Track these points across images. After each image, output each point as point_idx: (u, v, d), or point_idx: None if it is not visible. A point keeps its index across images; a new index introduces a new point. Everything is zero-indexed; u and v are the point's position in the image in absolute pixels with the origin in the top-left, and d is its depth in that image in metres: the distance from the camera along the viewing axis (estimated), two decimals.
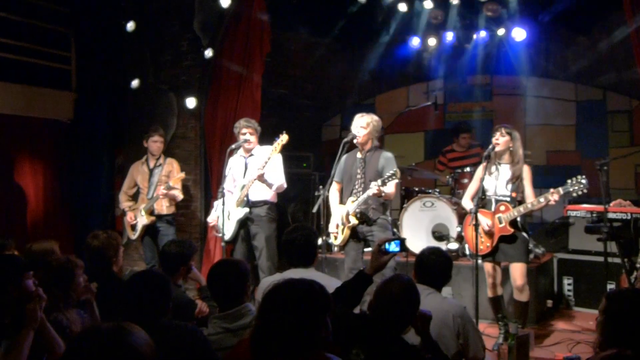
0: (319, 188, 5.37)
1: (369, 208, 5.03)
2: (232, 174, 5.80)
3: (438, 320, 3.29)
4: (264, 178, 5.46)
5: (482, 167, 5.01)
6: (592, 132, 7.83)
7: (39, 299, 2.81)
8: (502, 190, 4.92)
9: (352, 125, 5.17)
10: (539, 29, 7.34)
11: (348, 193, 5.17)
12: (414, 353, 2.82)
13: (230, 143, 5.78)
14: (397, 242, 3.15)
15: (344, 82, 8.99)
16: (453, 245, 6.18)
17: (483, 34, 7.69)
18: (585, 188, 4.50)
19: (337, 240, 5.22)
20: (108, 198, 7.22)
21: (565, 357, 3.64)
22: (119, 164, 7.33)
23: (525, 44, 7.44)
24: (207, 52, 6.76)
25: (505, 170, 4.93)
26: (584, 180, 4.50)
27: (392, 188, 4.94)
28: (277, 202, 5.84)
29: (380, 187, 4.78)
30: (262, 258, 5.61)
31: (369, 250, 5.16)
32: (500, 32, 7.42)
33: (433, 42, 8.02)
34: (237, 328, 3.00)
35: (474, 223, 4.68)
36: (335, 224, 5.19)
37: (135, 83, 6.95)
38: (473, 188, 5.12)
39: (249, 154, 5.76)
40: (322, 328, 2.10)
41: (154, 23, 7.03)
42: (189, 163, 6.96)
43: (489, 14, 7.41)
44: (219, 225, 5.57)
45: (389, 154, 5.18)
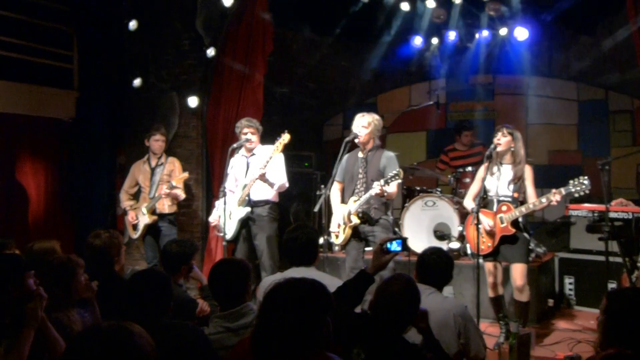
0: (321, 187, 5.37)
1: (371, 208, 5.03)
2: (233, 174, 5.79)
3: (439, 320, 3.29)
4: (266, 177, 5.45)
5: (483, 167, 5.01)
6: (594, 131, 7.83)
7: (40, 298, 2.81)
8: (503, 191, 4.92)
9: (353, 125, 5.17)
10: (542, 29, 7.33)
11: (350, 192, 5.17)
12: (415, 352, 2.82)
13: (232, 142, 5.77)
14: (398, 241, 3.15)
15: (346, 81, 8.99)
16: (455, 245, 6.19)
17: (485, 34, 7.69)
18: (587, 189, 4.49)
19: (338, 240, 5.22)
20: (109, 197, 7.23)
21: (566, 356, 3.63)
22: (121, 163, 7.34)
23: (528, 44, 7.43)
24: (209, 51, 6.76)
25: (507, 171, 4.92)
26: (586, 181, 4.50)
27: (394, 188, 4.93)
28: (278, 201, 5.83)
29: (383, 187, 4.78)
30: (263, 257, 5.61)
31: (370, 250, 5.17)
32: (503, 31, 7.41)
33: (435, 41, 8.02)
34: (238, 327, 2.99)
35: (476, 223, 4.68)
36: (337, 224, 5.19)
37: (137, 82, 6.96)
38: (475, 188, 5.12)
39: (251, 154, 5.76)
40: (323, 327, 2.10)
41: (156, 22, 7.03)
42: (191, 162, 6.97)
43: (492, 14, 7.41)
44: (221, 225, 5.57)
45: (391, 154, 5.17)
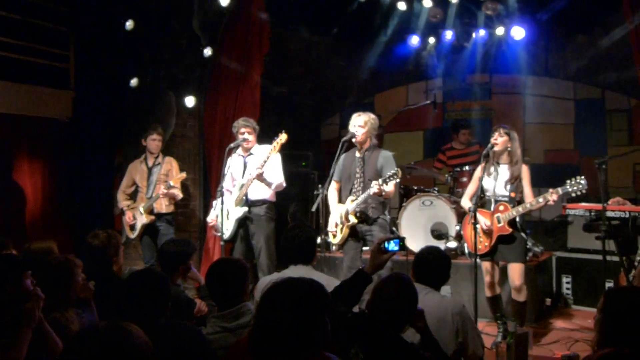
0: (318, 187, 5.37)
1: (369, 207, 5.03)
2: (231, 173, 5.79)
3: (437, 319, 3.29)
4: (263, 177, 5.45)
5: (480, 167, 5.02)
6: (590, 131, 7.83)
7: (37, 299, 2.80)
8: (501, 191, 4.92)
9: (349, 125, 5.17)
10: (538, 28, 7.34)
11: (347, 192, 5.17)
12: (413, 351, 2.82)
13: (230, 142, 5.77)
14: (396, 241, 3.14)
15: (343, 80, 8.99)
16: (452, 244, 6.19)
17: (482, 33, 7.69)
18: (584, 188, 4.50)
19: (335, 239, 5.22)
20: (107, 197, 7.21)
21: (564, 355, 3.62)
22: (118, 163, 7.32)
23: (524, 43, 7.44)
24: (206, 50, 6.75)
25: (504, 171, 4.93)
26: (583, 181, 4.51)
27: (391, 187, 4.94)
28: (275, 201, 5.83)
29: (381, 186, 4.78)
30: (261, 257, 5.61)
31: (368, 249, 5.17)
32: (500, 31, 7.41)
33: (432, 40, 8.02)
34: (236, 327, 2.99)
35: (473, 222, 4.69)
36: (334, 223, 5.19)
37: (134, 82, 6.94)
38: (472, 188, 5.13)
39: (248, 153, 5.75)
40: (321, 327, 2.10)
41: (153, 22, 7.01)
42: (188, 162, 6.96)
43: (488, 13, 7.42)
44: (218, 225, 5.57)
45: (388, 153, 5.18)
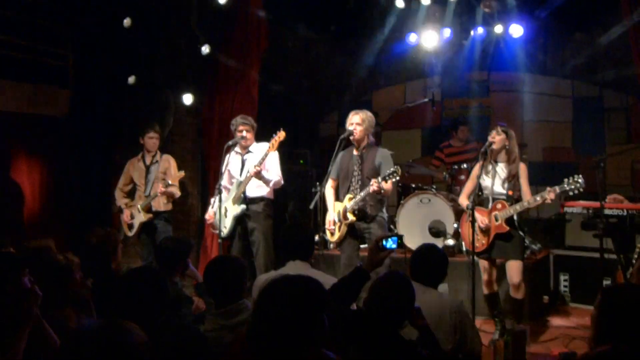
0: (316, 185, 5.38)
1: (367, 205, 5.03)
2: (229, 171, 5.79)
3: (434, 316, 3.29)
4: (261, 175, 5.45)
5: (478, 165, 5.02)
6: (588, 129, 7.84)
7: (35, 297, 2.80)
8: (498, 189, 4.93)
9: (346, 122, 5.17)
10: (536, 26, 7.34)
11: (345, 190, 5.18)
12: (411, 349, 2.82)
13: (227, 139, 5.77)
14: (394, 238, 3.15)
15: (341, 78, 8.98)
16: (450, 242, 6.20)
17: (480, 31, 7.68)
18: (582, 187, 4.51)
19: (333, 237, 5.22)
20: (105, 195, 7.20)
21: (561, 352, 3.63)
22: (116, 161, 7.31)
23: (523, 41, 7.43)
24: (203, 48, 6.73)
25: (502, 169, 4.94)
26: (581, 180, 4.51)
27: (389, 184, 4.95)
28: (273, 198, 5.83)
29: (380, 184, 4.78)
30: (259, 254, 5.61)
31: (365, 247, 5.18)
32: (498, 28, 7.40)
33: (430, 38, 8.01)
34: (233, 324, 2.99)
35: (471, 220, 4.69)
36: (332, 221, 5.19)
37: (132, 79, 6.93)
38: (469, 186, 5.13)
39: (246, 151, 5.75)
40: (318, 325, 2.10)
41: (151, 20, 7.00)
42: (186, 160, 6.96)
43: (486, 11, 7.41)
44: (216, 222, 5.57)
45: (386, 151, 5.18)
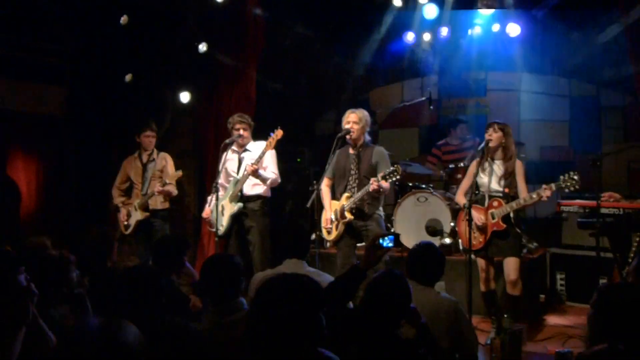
0: (313, 183, 5.37)
1: (364, 203, 5.03)
2: (225, 169, 5.79)
3: (431, 315, 3.29)
4: (258, 173, 5.45)
5: (474, 163, 5.03)
6: (585, 128, 7.84)
7: (31, 295, 2.79)
8: (495, 186, 4.94)
9: (343, 121, 5.17)
10: (534, 25, 7.35)
11: (341, 189, 5.17)
12: (408, 348, 2.82)
13: (225, 138, 5.76)
14: (390, 237, 3.15)
15: (339, 77, 8.96)
16: (447, 240, 6.20)
17: (478, 30, 7.69)
18: (578, 184, 4.51)
19: (330, 236, 5.22)
20: (101, 193, 7.19)
21: (558, 351, 3.64)
22: (113, 159, 7.30)
23: (520, 40, 7.44)
24: (201, 46, 6.72)
25: (498, 166, 4.94)
26: (576, 177, 4.52)
27: (387, 183, 4.95)
28: (270, 197, 5.83)
29: (380, 183, 4.78)
30: (255, 252, 5.61)
31: (362, 246, 5.18)
32: (495, 27, 7.41)
33: (428, 37, 8.02)
34: (230, 323, 2.98)
35: (467, 218, 4.70)
36: (329, 220, 5.19)
37: (129, 78, 6.92)
38: (466, 184, 5.14)
39: (243, 149, 5.75)
40: (315, 323, 2.10)
41: (148, 17, 6.99)
42: (183, 158, 6.95)
43: (484, 10, 7.41)
44: (213, 220, 5.57)
45: (382, 149, 5.19)
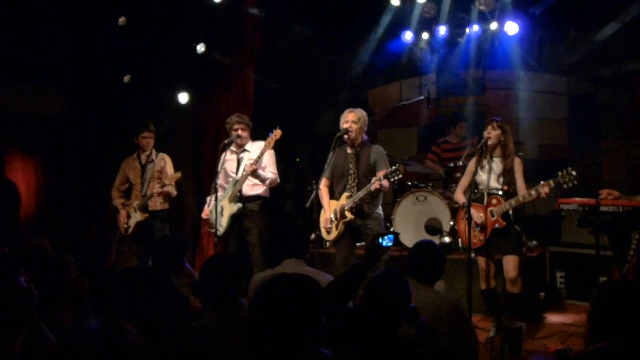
0: (312, 183, 5.37)
1: (364, 202, 5.03)
2: (224, 169, 5.78)
3: (431, 314, 3.29)
4: (257, 173, 5.45)
5: (473, 161, 5.03)
6: (584, 125, 7.85)
7: (31, 297, 2.79)
8: (494, 184, 4.94)
9: (341, 121, 5.17)
10: (532, 23, 7.35)
11: (340, 188, 5.17)
12: (407, 347, 2.82)
13: (223, 138, 5.76)
14: (390, 236, 3.15)
15: (337, 76, 8.97)
16: (446, 239, 6.20)
17: (476, 28, 7.69)
18: (576, 180, 4.50)
19: (330, 236, 5.22)
20: (100, 194, 7.19)
21: (558, 349, 3.64)
22: (112, 160, 7.29)
23: (518, 38, 7.44)
24: (199, 47, 6.72)
25: (497, 164, 4.94)
26: (574, 172, 4.51)
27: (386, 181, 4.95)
28: (269, 197, 5.83)
29: (382, 182, 4.78)
30: (255, 253, 5.61)
31: (361, 245, 5.18)
32: (493, 26, 7.41)
33: (426, 36, 8.02)
34: (230, 323, 2.98)
35: (467, 217, 4.69)
36: (329, 219, 5.18)
37: (127, 78, 6.91)
38: (465, 182, 5.13)
39: (242, 150, 5.75)
40: (315, 323, 2.10)
41: (146, 17, 6.98)
42: (182, 158, 6.93)
43: (482, 8, 7.41)
44: (212, 221, 5.57)
45: (380, 148, 5.19)
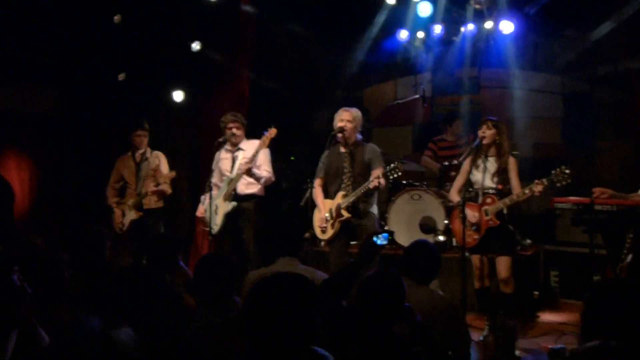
0: (307, 181, 5.37)
1: (359, 201, 5.03)
2: (219, 168, 5.78)
3: (425, 313, 3.29)
4: (252, 172, 5.45)
5: (468, 160, 5.04)
6: (578, 124, 7.85)
7: (24, 295, 2.79)
8: (488, 183, 4.95)
9: (336, 120, 5.16)
10: (527, 22, 7.35)
11: (335, 187, 5.16)
12: (401, 345, 2.82)
13: (218, 136, 5.76)
14: (385, 235, 3.15)
15: (332, 75, 8.97)
16: (441, 238, 6.21)
17: (471, 27, 7.69)
18: (569, 178, 4.51)
19: (325, 235, 5.21)
20: (95, 192, 7.17)
21: (552, 348, 3.66)
22: (106, 158, 7.28)
23: (513, 37, 7.44)
24: (194, 45, 6.71)
25: (492, 163, 4.95)
26: (568, 171, 4.52)
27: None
28: (264, 195, 5.82)
29: (381, 180, 4.79)
30: (249, 251, 5.61)
31: (355, 243, 5.18)
32: (488, 25, 7.42)
33: (421, 35, 8.02)
34: (224, 322, 2.99)
35: (461, 216, 4.70)
36: (324, 219, 5.18)
37: (122, 76, 6.90)
38: (460, 181, 5.14)
39: (236, 148, 5.74)
40: (309, 322, 2.10)
41: (142, 16, 6.96)
42: (177, 157, 6.92)
43: (477, 7, 7.42)
44: (207, 219, 5.56)
45: (374, 146, 5.19)
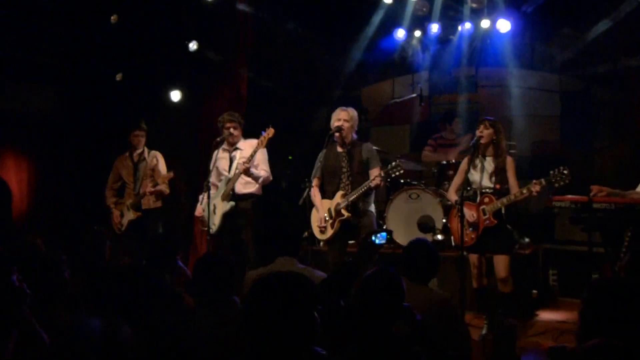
0: (305, 181, 5.37)
1: (359, 200, 5.03)
2: (217, 168, 5.78)
3: (423, 313, 3.29)
4: (250, 171, 5.44)
5: (466, 159, 5.04)
6: (576, 123, 7.86)
7: (23, 295, 2.78)
8: (486, 183, 4.95)
9: (333, 119, 5.16)
10: (524, 21, 7.36)
11: (333, 187, 5.16)
12: (401, 345, 2.82)
13: (216, 136, 5.75)
14: (383, 234, 3.16)
15: (330, 74, 8.96)
16: (439, 237, 6.21)
17: (468, 26, 7.70)
18: (568, 179, 4.53)
19: (324, 235, 5.20)
20: (94, 192, 7.17)
21: (551, 346, 3.66)
22: (104, 158, 7.27)
23: (510, 36, 7.45)
24: (191, 45, 6.71)
25: (490, 163, 4.95)
26: (566, 171, 4.53)
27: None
28: (262, 195, 5.82)
29: (382, 178, 4.78)
30: (248, 251, 5.61)
31: (353, 243, 5.18)
32: (485, 23, 7.42)
33: (418, 34, 8.03)
34: (223, 322, 2.99)
35: (459, 215, 4.71)
36: (323, 219, 5.17)
37: (119, 76, 6.89)
38: (458, 180, 5.15)
39: (234, 148, 5.74)
40: (309, 322, 2.09)
41: (140, 16, 6.96)
42: (174, 157, 6.91)
43: (474, 6, 7.42)
44: (205, 219, 5.56)
45: (370, 146, 5.20)
